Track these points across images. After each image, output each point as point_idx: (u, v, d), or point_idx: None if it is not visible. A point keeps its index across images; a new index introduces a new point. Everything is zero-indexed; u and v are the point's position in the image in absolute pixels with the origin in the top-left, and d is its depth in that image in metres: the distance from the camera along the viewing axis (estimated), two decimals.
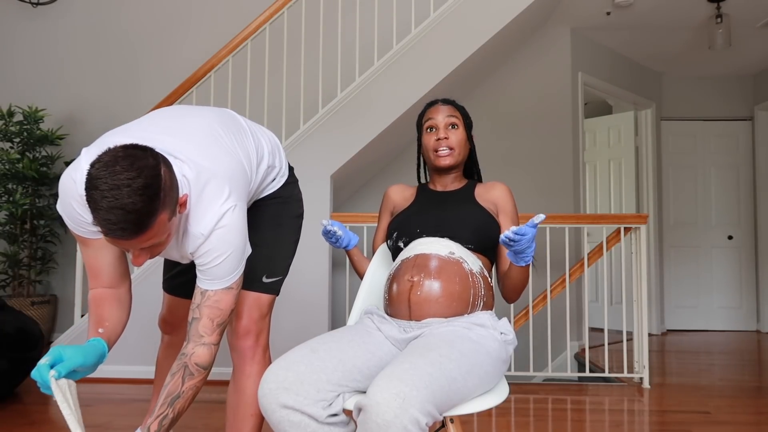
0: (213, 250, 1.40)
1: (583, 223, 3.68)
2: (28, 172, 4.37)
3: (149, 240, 1.22)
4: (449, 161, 1.72)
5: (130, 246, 1.23)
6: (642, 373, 3.54)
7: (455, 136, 1.72)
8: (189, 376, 1.39)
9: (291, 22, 4.12)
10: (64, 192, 1.38)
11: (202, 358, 1.41)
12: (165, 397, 1.36)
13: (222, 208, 1.39)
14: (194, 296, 1.46)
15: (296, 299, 3.58)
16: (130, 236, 1.18)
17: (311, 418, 1.33)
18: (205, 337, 1.42)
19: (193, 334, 1.42)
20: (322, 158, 3.64)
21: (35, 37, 5.03)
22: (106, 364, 3.49)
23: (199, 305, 1.43)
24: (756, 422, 2.83)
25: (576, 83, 4.95)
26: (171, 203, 1.25)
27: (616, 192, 6.03)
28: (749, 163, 6.11)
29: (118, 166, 1.16)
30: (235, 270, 1.44)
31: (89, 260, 1.45)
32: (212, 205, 1.39)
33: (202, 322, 1.42)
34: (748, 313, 6.04)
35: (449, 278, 1.54)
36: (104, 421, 2.73)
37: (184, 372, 1.39)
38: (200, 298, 1.44)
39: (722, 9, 4.51)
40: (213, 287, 1.43)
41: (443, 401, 1.27)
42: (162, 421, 1.33)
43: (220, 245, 1.40)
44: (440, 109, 1.75)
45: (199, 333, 1.42)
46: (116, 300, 1.45)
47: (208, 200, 1.39)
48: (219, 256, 1.40)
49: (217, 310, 1.44)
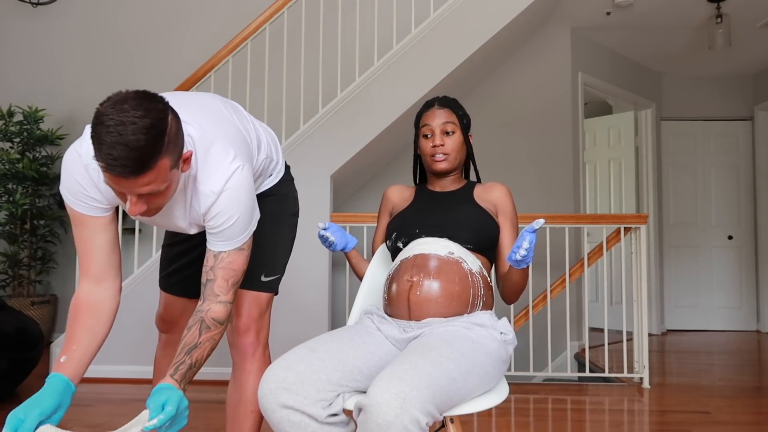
0: (224, 211, 1.41)
1: (583, 223, 3.68)
2: (28, 172, 4.37)
3: (148, 185, 1.21)
4: (445, 166, 1.72)
5: (129, 188, 1.21)
6: (642, 373, 3.54)
7: (451, 141, 1.72)
8: (206, 329, 1.39)
9: (291, 22, 4.12)
10: (67, 166, 1.38)
11: (218, 314, 1.42)
12: (182, 347, 1.36)
13: (230, 167, 1.40)
14: (207, 259, 1.46)
15: (296, 299, 3.58)
16: (130, 174, 1.17)
17: (311, 418, 1.33)
18: (220, 296, 1.43)
19: (208, 294, 1.43)
20: (322, 158, 3.64)
21: (35, 37, 5.03)
22: (106, 364, 3.51)
23: (212, 267, 1.45)
24: (756, 422, 2.83)
25: (576, 83, 4.95)
26: (174, 151, 1.25)
27: (616, 192, 6.03)
28: (749, 163, 6.11)
29: (126, 104, 1.17)
30: (246, 230, 1.46)
31: (82, 243, 1.43)
32: (220, 164, 1.40)
33: (217, 282, 1.44)
34: (748, 313, 6.04)
35: (449, 278, 1.54)
36: (104, 420, 2.73)
37: (201, 325, 1.39)
38: (213, 260, 1.45)
39: (722, 9, 4.51)
40: (226, 248, 1.45)
41: (443, 401, 1.28)
42: (179, 367, 1.31)
43: (231, 205, 1.41)
44: (436, 114, 1.74)
45: (215, 293, 1.43)
46: (94, 310, 1.43)
47: (216, 160, 1.40)
48: (231, 217, 1.41)
49: (231, 271, 1.45)
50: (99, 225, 1.43)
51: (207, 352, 1.39)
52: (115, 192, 1.26)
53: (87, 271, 1.44)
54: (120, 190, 1.23)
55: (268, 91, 4.00)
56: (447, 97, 1.81)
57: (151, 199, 1.27)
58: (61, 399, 1.31)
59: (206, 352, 1.39)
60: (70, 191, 1.40)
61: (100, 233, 1.43)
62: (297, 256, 3.60)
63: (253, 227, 1.49)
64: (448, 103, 1.76)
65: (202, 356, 1.38)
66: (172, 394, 1.25)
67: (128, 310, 3.58)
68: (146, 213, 1.31)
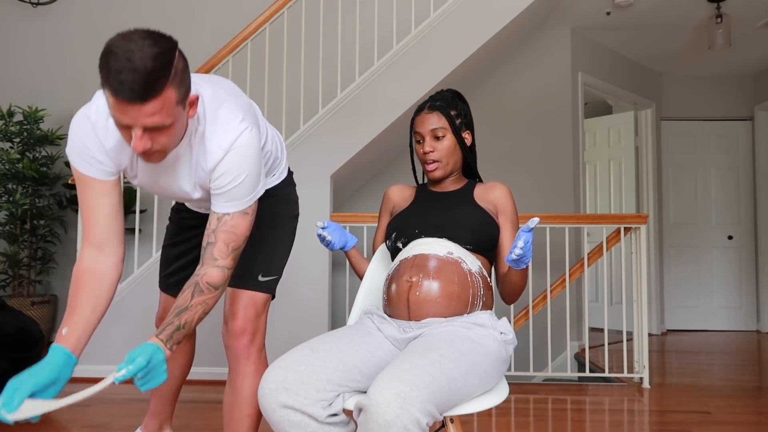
0: (231, 170, 1.41)
1: (583, 223, 3.68)
2: (28, 172, 4.37)
3: (154, 115, 1.21)
4: (438, 174, 1.72)
5: (135, 117, 1.21)
6: (642, 373, 3.54)
7: (441, 146, 1.69)
8: (199, 292, 1.39)
9: (291, 22, 4.12)
10: (75, 128, 1.41)
11: (213, 278, 1.41)
12: (172, 310, 1.36)
13: (239, 126, 1.41)
14: (209, 222, 1.46)
15: (296, 299, 3.58)
16: (136, 99, 1.18)
17: (311, 417, 1.33)
18: (219, 260, 1.43)
19: (207, 257, 1.43)
20: (322, 158, 3.64)
21: (35, 37, 5.03)
22: (106, 364, 3.51)
23: (214, 230, 1.44)
24: (756, 422, 2.83)
25: (576, 83, 4.95)
26: (181, 86, 1.26)
27: (616, 192, 6.03)
28: (749, 163, 6.11)
29: (135, 35, 1.20)
30: (252, 192, 1.46)
31: (87, 207, 1.44)
32: (229, 123, 1.41)
33: (217, 246, 1.43)
34: (748, 313, 6.04)
35: (448, 278, 1.54)
36: (104, 421, 2.73)
37: (194, 288, 1.39)
38: (216, 223, 1.44)
39: (722, 9, 4.51)
40: (230, 210, 1.44)
41: (443, 401, 1.28)
42: (166, 328, 1.31)
43: (238, 164, 1.41)
44: (425, 120, 1.71)
45: (214, 256, 1.42)
46: (96, 279, 1.43)
47: (225, 119, 1.41)
48: (237, 176, 1.41)
49: (233, 235, 1.45)
50: (102, 189, 1.43)
51: (198, 315, 1.38)
52: (121, 130, 1.26)
53: (89, 236, 1.44)
54: (126, 123, 1.22)
55: (268, 91, 4.00)
56: (438, 97, 1.75)
57: (156, 136, 1.26)
58: (59, 372, 1.30)
59: (197, 316, 1.38)
60: (76, 152, 1.41)
61: (102, 197, 1.43)
62: (297, 256, 3.60)
63: (258, 192, 1.49)
64: (438, 106, 1.72)
65: (192, 319, 1.36)
66: (147, 347, 1.24)
67: (128, 310, 3.59)
68: (151, 154, 1.30)
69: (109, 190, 1.44)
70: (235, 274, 1.68)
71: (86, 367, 3.55)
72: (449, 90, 1.81)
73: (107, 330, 3.57)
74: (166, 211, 4.58)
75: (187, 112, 1.32)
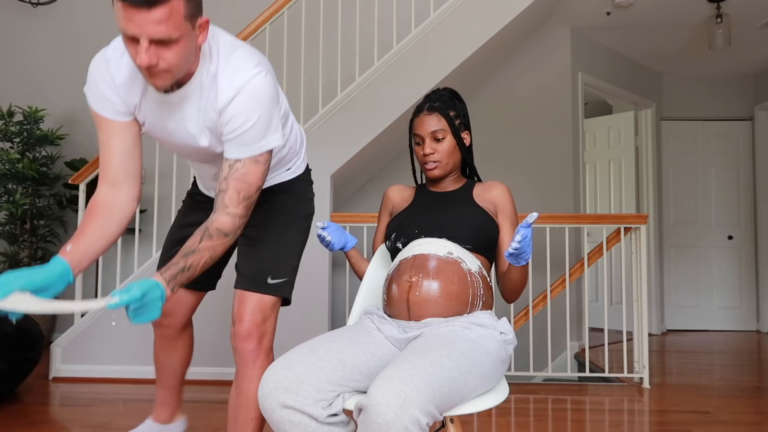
0: (243, 112, 1.40)
1: (583, 223, 3.68)
2: (28, 172, 4.37)
3: (161, 23, 1.23)
4: (437, 174, 1.72)
5: (141, 26, 1.23)
6: (642, 373, 3.54)
7: (441, 147, 1.70)
8: (208, 237, 1.40)
9: (291, 23, 4.12)
10: (92, 67, 1.49)
11: (224, 225, 1.41)
12: (180, 252, 1.37)
13: (253, 70, 1.41)
14: (222, 169, 1.45)
15: (296, 299, 3.57)
16: (143, 5, 1.20)
17: (311, 417, 1.33)
18: (229, 207, 1.42)
19: (219, 204, 1.43)
20: (322, 158, 3.64)
21: (35, 37, 5.03)
22: (105, 364, 3.51)
23: (226, 177, 1.44)
24: (756, 422, 2.83)
25: (576, 83, 4.95)
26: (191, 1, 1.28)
27: (616, 192, 6.03)
28: (749, 163, 6.11)
29: None
30: (264, 137, 1.44)
31: (101, 146, 1.49)
32: (244, 65, 1.41)
33: (228, 193, 1.43)
34: (748, 313, 6.04)
35: (448, 278, 1.54)
36: (104, 420, 2.73)
37: (204, 233, 1.40)
38: (228, 170, 1.44)
39: (722, 9, 4.51)
40: (242, 155, 1.43)
41: (443, 401, 1.28)
42: (170, 267, 1.32)
43: (250, 106, 1.40)
44: (424, 121, 1.71)
45: (225, 203, 1.42)
46: (108, 210, 1.46)
47: (239, 61, 1.42)
48: (248, 119, 1.40)
49: (244, 183, 1.44)
50: (117, 129, 1.48)
51: (204, 260, 1.38)
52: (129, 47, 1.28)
53: (105, 175, 1.48)
54: (132, 32, 1.24)
55: None
56: (436, 98, 1.74)
57: (162, 51, 1.27)
58: (53, 280, 1.31)
59: (203, 260, 1.38)
60: (92, 90, 1.48)
61: (117, 138, 1.48)
62: None
63: (273, 142, 1.47)
64: (437, 107, 1.71)
65: (197, 263, 1.37)
66: (147, 281, 1.24)
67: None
68: (157, 73, 1.30)
69: (122, 131, 1.48)
70: (245, 274, 1.68)
71: (87, 366, 3.56)
72: (446, 89, 1.80)
73: (106, 329, 3.57)
74: (165, 212, 4.60)
75: (197, 36, 1.33)
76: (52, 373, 3.52)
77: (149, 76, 1.32)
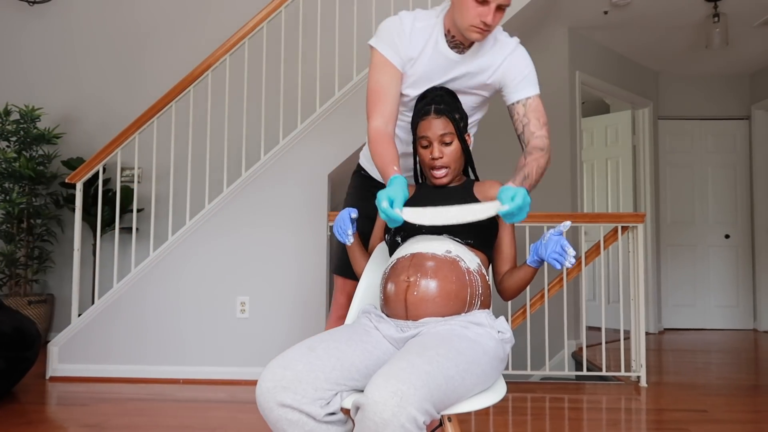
0: (522, 60, 1.81)
1: (581, 222, 3.68)
2: (25, 170, 4.36)
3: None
4: (446, 180, 1.71)
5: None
6: (639, 371, 3.55)
7: (449, 151, 1.69)
8: (528, 154, 1.71)
9: (288, 21, 4.12)
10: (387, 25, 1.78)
11: (538, 143, 1.73)
12: (515, 171, 1.68)
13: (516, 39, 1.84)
14: (516, 113, 1.79)
15: (294, 298, 3.58)
16: None
17: (309, 416, 1.32)
18: (535, 132, 1.75)
19: (527, 135, 1.76)
20: (319, 158, 3.64)
21: (32, 35, 5.02)
22: (105, 363, 3.50)
23: (525, 114, 1.78)
24: (753, 420, 2.84)
25: (573, 82, 4.95)
26: None
27: (614, 191, 6.04)
28: (746, 162, 6.12)
29: None
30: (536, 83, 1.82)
31: (381, 87, 1.76)
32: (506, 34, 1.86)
33: (532, 123, 1.77)
34: (745, 311, 6.05)
35: (446, 277, 1.54)
36: (100, 420, 2.72)
37: (525, 153, 1.72)
38: (523, 108, 1.79)
39: (719, 8, 4.52)
40: (531, 93, 1.79)
41: (441, 400, 1.27)
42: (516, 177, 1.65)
43: (524, 56, 1.82)
44: (433, 124, 1.69)
45: (531, 131, 1.76)
46: (390, 137, 1.73)
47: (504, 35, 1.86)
48: (527, 65, 1.80)
49: (539, 112, 1.78)
50: (396, 76, 1.77)
51: (534, 169, 1.68)
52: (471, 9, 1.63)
53: (381, 111, 1.74)
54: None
55: (266, 90, 4.00)
56: (439, 99, 1.73)
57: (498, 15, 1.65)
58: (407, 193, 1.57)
59: (534, 170, 1.68)
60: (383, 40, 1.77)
61: (394, 84, 1.76)
62: (295, 256, 3.60)
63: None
64: (444, 110, 1.70)
65: (531, 171, 1.68)
66: (518, 190, 1.49)
67: (126, 309, 3.58)
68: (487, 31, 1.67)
69: (398, 80, 1.77)
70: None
71: (83, 366, 3.56)
72: (442, 88, 1.78)
73: (106, 329, 3.56)
74: (162, 211, 4.59)
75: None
76: (49, 372, 3.52)
77: (480, 33, 1.66)
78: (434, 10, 1.82)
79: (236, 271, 3.59)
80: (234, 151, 4.55)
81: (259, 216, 3.62)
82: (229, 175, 4.43)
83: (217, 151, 4.55)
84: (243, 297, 3.57)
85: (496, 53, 1.79)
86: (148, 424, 2.67)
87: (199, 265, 3.60)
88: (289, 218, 3.62)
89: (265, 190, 3.63)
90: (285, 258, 3.60)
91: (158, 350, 3.55)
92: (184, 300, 3.58)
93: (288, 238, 3.61)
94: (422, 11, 1.82)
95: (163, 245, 3.64)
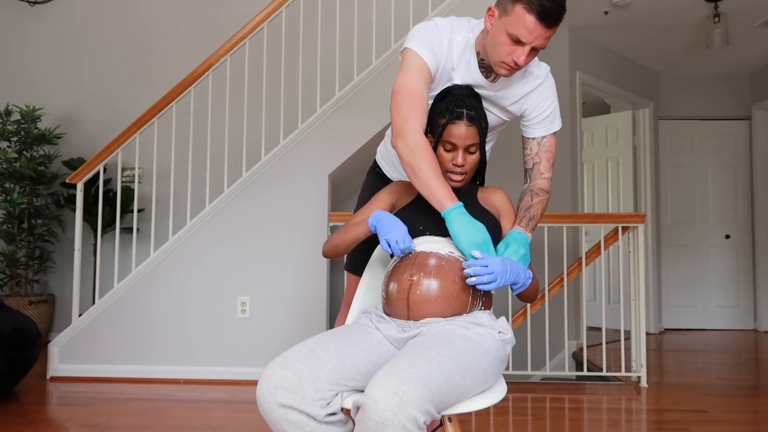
0: (547, 95, 1.78)
1: (581, 222, 3.68)
2: (26, 171, 4.36)
3: (547, 39, 1.61)
4: (459, 185, 1.70)
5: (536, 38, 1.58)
6: (640, 372, 3.55)
7: (471, 160, 1.67)
8: (535, 195, 1.75)
9: (289, 21, 4.12)
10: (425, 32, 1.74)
11: (543, 185, 1.77)
12: (520, 209, 1.73)
13: (546, 66, 1.81)
14: (529, 148, 1.81)
15: (294, 298, 3.58)
16: (551, 25, 1.59)
17: (309, 417, 1.32)
18: (544, 173, 1.79)
19: (534, 173, 1.79)
20: (319, 158, 3.64)
21: (32, 36, 5.02)
22: (105, 363, 3.51)
23: (537, 152, 1.80)
24: (753, 421, 2.84)
25: (574, 82, 4.95)
26: None
27: (614, 191, 6.04)
28: (746, 162, 6.12)
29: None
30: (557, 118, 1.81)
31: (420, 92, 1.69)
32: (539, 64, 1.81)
33: (542, 164, 1.79)
34: (745, 312, 6.05)
35: (448, 277, 1.54)
36: (101, 420, 2.73)
37: (531, 194, 1.75)
38: (537, 146, 1.80)
39: (720, 8, 4.52)
40: (547, 132, 1.80)
41: (441, 400, 1.28)
42: (522, 220, 1.70)
43: (550, 91, 1.79)
44: (464, 132, 1.64)
45: (540, 171, 1.78)
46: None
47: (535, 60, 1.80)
48: (552, 102, 1.78)
49: (550, 153, 1.81)
50: (430, 81, 1.72)
51: (540, 210, 1.74)
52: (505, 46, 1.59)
53: (421, 119, 1.67)
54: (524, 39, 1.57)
55: (266, 90, 4.00)
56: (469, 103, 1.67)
57: (532, 55, 1.62)
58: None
59: (539, 211, 1.74)
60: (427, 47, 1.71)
61: (426, 88, 1.71)
62: (295, 256, 3.61)
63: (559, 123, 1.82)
64: (475, 118, 1.65)
65: (537, 213, 1.73)
66: (519, 236, 1.62)
67: (127, 309, 3.58)
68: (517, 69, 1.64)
69: (429, 83, 1.73)
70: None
71: (84, 366, 3.56)
72: (467, 88, 1.72)
73: (106, 329, 3.57)
74: (163, 212, 4.60)
75: None
76: (50, 372, 3.52)
77: (508, 71, 1.64)
78: (467, 21, 1.80)
79: (237, 272, 3.60)
80: (234, 151, 4.55)
81: (260, 216, 3.62)
82: (230, 176, 4.43)
83: (218, 151, 4.55)
84: (244, 297, 3.57)
85: (525, 84, 1.78)
86: (149, 424, 2.67)
87: (199, 266, 3.60)
88: (289, 218, 3.62)
89: (265, 190, 3.64)
90: (286, 258, 3.60)
91: (159, 350, 3.55)
92: (184, 300, 3.58)
93: (289, 238, 3.61)
94: (456, 20, 1.80)
95: (164, 245, 3.64)
